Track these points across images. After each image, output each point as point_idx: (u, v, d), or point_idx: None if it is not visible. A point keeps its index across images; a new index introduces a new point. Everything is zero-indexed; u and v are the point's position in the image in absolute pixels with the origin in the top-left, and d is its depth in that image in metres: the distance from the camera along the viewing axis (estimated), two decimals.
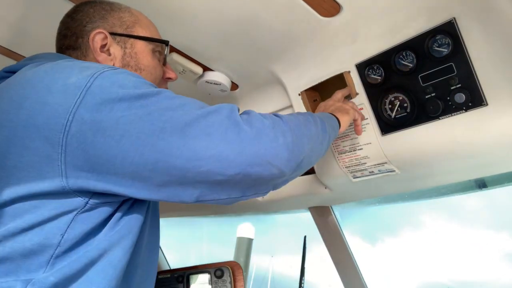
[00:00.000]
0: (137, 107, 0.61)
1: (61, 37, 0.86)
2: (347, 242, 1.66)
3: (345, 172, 1.22)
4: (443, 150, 1.00)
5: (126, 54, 0.84)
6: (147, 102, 0.62)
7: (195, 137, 0.63)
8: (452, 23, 0.90)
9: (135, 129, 0.60)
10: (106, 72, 0.64)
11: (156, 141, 0.60)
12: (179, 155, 0.61)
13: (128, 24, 0.86)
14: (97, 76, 0.63)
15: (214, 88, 1.34)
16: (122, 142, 0.59)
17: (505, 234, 13.31)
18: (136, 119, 0.60)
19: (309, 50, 1.16)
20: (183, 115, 0.64)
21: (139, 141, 0.60)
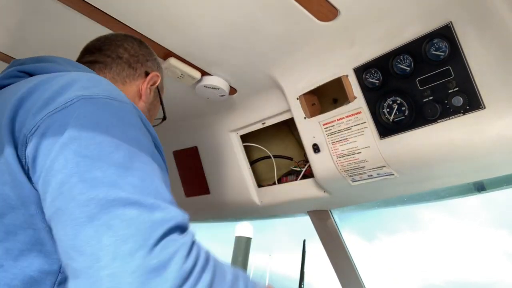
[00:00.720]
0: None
1: (120, 46, 0.93)
2: (346, 246, 1.66)
3: (344, 175, 1.22)
4: (441, 153, 1.00)
5: (153, 103, 0.98)
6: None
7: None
8: (449, 27, 0.90)
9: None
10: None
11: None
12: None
13: (161, 86, 1.02)
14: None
15: (213, 92, 1.34)
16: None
17: (504, 233, 13.24)
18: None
19: (307, 55, 1.16)
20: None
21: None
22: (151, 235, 0.49)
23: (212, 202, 1.79)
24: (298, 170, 1.47)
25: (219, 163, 1.66)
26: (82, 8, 0.99)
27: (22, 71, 0.76)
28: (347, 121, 1.15)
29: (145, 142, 0.61)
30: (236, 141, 1.58)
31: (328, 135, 1.21)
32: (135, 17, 1.02)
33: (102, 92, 0.62)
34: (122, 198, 0.50)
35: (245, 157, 1.60)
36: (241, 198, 1.64)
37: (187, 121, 1.66)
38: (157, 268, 0.46)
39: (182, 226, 0.53)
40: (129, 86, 0.92)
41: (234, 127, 1.55)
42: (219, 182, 1.70)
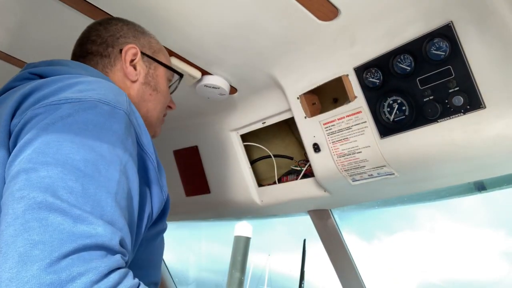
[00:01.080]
0: None
1: (87, 41, 0.88)
2: (346, 245, 1.66)
3: (344, 175, 1.22)
4: (441, 153, 1.00)
5: (149, 74, 0.90)
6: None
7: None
8: (449, 27, 0.90)
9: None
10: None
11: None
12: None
13: (154, 49, 0.93)
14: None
15: (213, 92, 1.34)
16: None
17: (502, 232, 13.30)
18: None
19: (307, 54, 1.16)
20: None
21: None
22: (61, 247, 0.46)
23: (212, 202, 1.79)
24: (299, 170, 1.47)
25: (220, 163, 1.66)
26: (82, 7, 0.99)
27: (33, 73, 0.76)
28: (348, 121, 1.15)
29: (118, 152, 0.59)
30: (236, 140, 1.58)
31: (328, 135, 1.21)
32: (135, 17, 1.02)
33: (95, 96, 0.62)
34: (50, 203, 0.48)
35: (245, 157, 1.60)
36: (242, 198, 1.64)
37: (187, 120, 1.66)
38: (52, 285, 0.43)
39: (106, 246, 0.49)
40: (113, 75, 0.86)
41: (235, 126, 1.55)
42: (220, 182, 1.71)
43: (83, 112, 0.59)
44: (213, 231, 9.16)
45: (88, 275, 0.45)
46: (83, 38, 0.89)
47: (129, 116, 0.65)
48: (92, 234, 0.48)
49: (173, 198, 1.73)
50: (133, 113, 0.68)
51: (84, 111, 0.59)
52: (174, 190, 1.87)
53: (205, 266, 8.63)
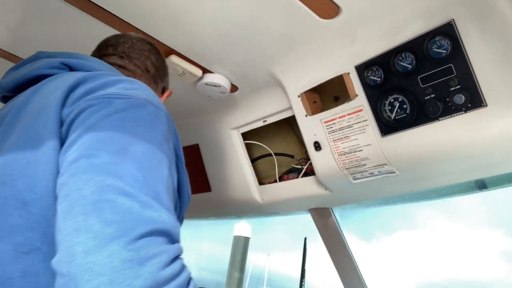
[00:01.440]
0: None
1: (149, 62, 0.93)
2: (347, 243, 1.66)
3: (345, 173, 1.22)
4: (442, 151, 1.00)
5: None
6: None
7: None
8: (451, 25, 0.90)
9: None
10: None
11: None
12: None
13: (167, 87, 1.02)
14: None
15: (214, 90, 1.34)
16: None
17: (502, 232, 13.19)
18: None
19: (308, 52, 1.16)
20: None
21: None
22: (135, 229, 0.48)
23: (213, 200, 1.79)
24: (299, 168, 1.47)
25: (220, 161, 1.66)
26: (83, 5, 0.99)
27: (65, 64, 0.78)
28: (349, 119, 1.15)
29: (165, 149, 0.62)
30: (237, 138, 1.58)
31: (329, 133, 1.21)
32: (136, 15, 1.02)
33: (141, 95, 0.65)
34: (119, 187, 0.51)
35: (246, 155, 1.60)
36: (242, 196, 1.64)
37: (188, 118, 1.66)
38: (132, 261, 0.46)
39: (170, 234, 0.52)
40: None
41: (235, 124, 1.55)
42: (220, 180, 1.71)
43: (134, 109, 0.62)
44: (213, 230, 9.17)
45: (161, 256, 0.48)
46: (144, 50, 0.97)
47: (167, 117, 0.68)
48: (159, 221, 0.51)
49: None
50: (169, 115, 0.72)
51: (135, 108, 0.62)
52: None
53: (206, 266, 8.65)
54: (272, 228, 17.34)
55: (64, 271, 0.46)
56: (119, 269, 0.45)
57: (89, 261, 0.45)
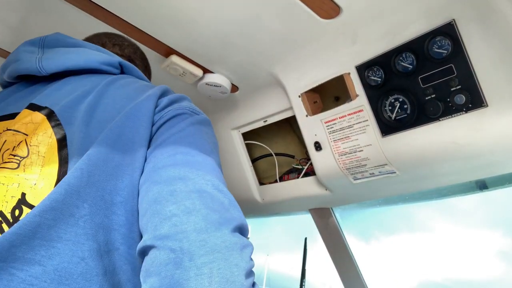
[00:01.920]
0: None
1: (137, 61, 1.00)
2: (347, 244, 1.66)
3: (346, 173, 1.22)
4: (443, 152, 1.00)
5: None
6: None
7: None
8: (451, 25, 0.90)
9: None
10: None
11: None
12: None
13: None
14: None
15: (215, 90, 1.34)
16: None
17: (502, 232, 13.24)
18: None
19: (309, 52, 1.16)
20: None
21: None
22: (231, 221, 0.54)
23: None
24: (300, 168, 1.47)
25: (221, 161, 1.66)
26: (83, 5, 0.99)
27: (120, 65, 0.83)
28: (349, 119, 1.15)
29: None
30: (237, 139, 1.58)
31: (329, 133, 1.21)
32: (136, 15, 1.02)
33: (202, 113, 0.76)
34: (215, 183, 0.59)
35: (246, 155, 1.60)
36: (243, 196, 1.64)
37: None
38: (238, 244, 0.52)
39: (246, 230, 0.58)
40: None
41: (236, 125, 1.55)
42: None
43: (205, 124, 0.73)
44: None
45: (250, 247, 0.55)
46: (142, 54, 1.05)
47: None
48: (242, 218, 0.57)
49: None
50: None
51: (205, 123, 0.74)
52: None
53: None
54: (271, 227, 17.32)
55: (176, 246, 0.49)
56: (230, 249, 0.50)
57: (203, 239, 0.50)
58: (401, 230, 50.93)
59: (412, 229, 44.39)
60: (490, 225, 45.28)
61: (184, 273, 0.47)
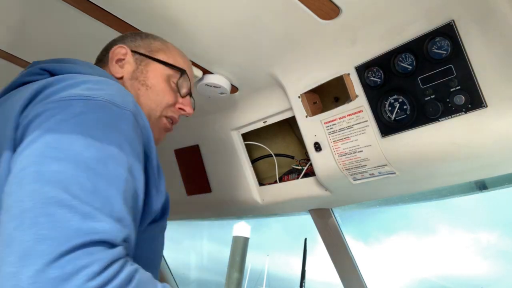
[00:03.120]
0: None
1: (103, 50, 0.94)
2: (347, 244, 1.66)
3: (346, 174, 1.22)
4: (443, 152, 1.00)
5: (138, 70, 0.89)
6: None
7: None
8: (451, 25, 0.90)
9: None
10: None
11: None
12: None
13: (153, 48, 0.92)
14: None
15: (214, 91, 1.34)
16: None
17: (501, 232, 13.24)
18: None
19: (308, 53, 1.16)
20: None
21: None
22: (67, 242, 0.47)
23: (213, 201, 1.79)
24: (300, 169, 1.47)
25: (221, 162, 1.66)
26: (83, 6, 0.99)
27: (44, 69, 0.77)
28: (349, 120, 1.15)
29: (126, 150, 0.60)
30: (237, 139, 1.58)
31: (329, 134, 1.21)
32: (136, 15, 1.02)
33: (104, 96, 0.63)
34: (62, 199, 0.49)
35: (246, 156, 1.60)
36: (243, 197, 1.64)
37: (188, 119, 1.66)
38: (57, 279, 0.44)
39: (109, 241, 0.51)
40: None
41: (236, 125, 1.55)
42: (221, 181, 1.71)
43: (94, 111, 0.60)
44: (214, 231, 9.17)
45: (91, 267, 0.47)
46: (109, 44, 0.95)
47: (135, 117, 0.66)
48: (99, 231, 0.50)
49: (174, 197, 1.73)
50: (139, 113, 0.69)
51: (94, 110, 0.60)
52: (175, 189, 1.87)
53: (206, 266, 8.64)
54: (271, 227, 17.41)
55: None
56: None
57: (14, 285, 0.44)
58: (402, 230, 50.76)
59: (413, 229, 44.32)
60: (492, 224, 44.79)
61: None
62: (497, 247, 6.28)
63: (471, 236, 6.20)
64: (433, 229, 5.22)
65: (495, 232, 7.33)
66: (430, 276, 3.77)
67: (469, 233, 6.33)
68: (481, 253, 6.65)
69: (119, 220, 0.53)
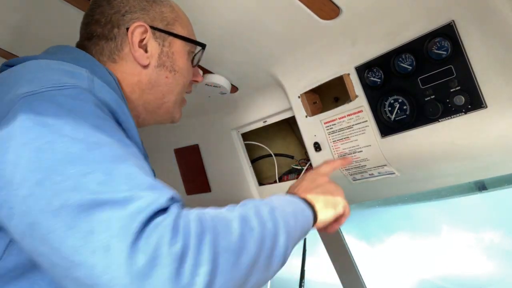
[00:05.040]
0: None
1: (93, 21, 0.78)
2: (347, 244, 1.66)
3: (345, 174, 1.22)
4: (442, 153, 1.00)
5: (163, 53, 0.79)
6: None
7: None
8: (451, 26, 0.90)
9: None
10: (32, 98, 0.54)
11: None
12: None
13: (169, 20, 0.81)
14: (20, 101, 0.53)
15: (214, 90, 1.34)
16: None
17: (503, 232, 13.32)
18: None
19: (308, 53, 1.16)
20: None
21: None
22: (130, 231, 0.44)
23: (213, 200, 1.79)
24: (299, 169, 1.47)
25: (220, 161, 1.66)
26: (83, 5, 0.99)
27: (8, 65, 0.69)
28: (349, 120, 1.15)
29: (107, 127, 0.55)
30: (237, 139, 1.58)
31: (329, 134, 1.21)
32: None
33: (47, 83, 0.55)
34: (91, 200, 0.45)
35: (246, 156, 1.60)
36: (242, 196, 1.64)
37: (188, 119, 1.66)
38: (146, 265, 0.43)
39: (163, 207, 0.48)
40: (121, 61, 0.77)
41: (235, 125, 1.55)
42: (220, 180, 1.71)
43: (46, 104, 0.53)
44: None
45: (164, 237, 0.45)
46: (88, 16, 0.80)
47: (95, 94, 0.59)
48: (145, 206, 0.46)
49: None
50: (101, 89, 0.61)
51: (45, 104, 0.53)
52: (175, 189, 1.87)
53: None
54: None
55: None
56: (142, 282, 0.44)
57: (114, 285, 0.44)
58: (402, 230, 50.68)
59: (413, 229, 44.35)
60: (493, 224, 44.80)
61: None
62: (501, 246, 6.27)
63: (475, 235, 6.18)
64: (437, 229, 5.22)
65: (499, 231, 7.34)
66: (435, 276, 3.77)
67: (473, 233, 6.33)
68: (485, 252, 6.62)
69: (151, 187, 0.50)
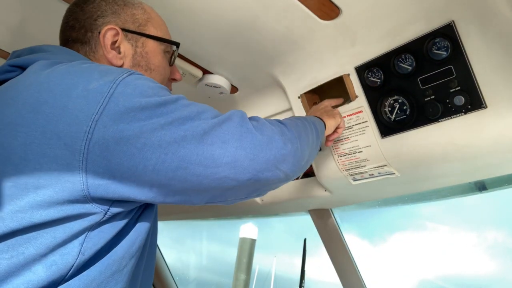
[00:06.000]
0: (158, 115, 0.62)
1: (68, 27, 0.82)
2: (347, 245, 1.66)
3: (345, 174, 1.22)
4: (442, 153, 1.00)
5: (137, 53, 0.82)
6: (167, 110, 0.63)
7: (212, 144, 0.65)
8: (451, 26, 0.90)
9: (157, 137, 0.60)
10: (127, 78, 0.63)
11: (177, 149, 0.62)
12: (198, 162, 0.63)
13: (140, 21, 0.84)
14: (119, 83, 0.62)
15: (214, 91, 1.34)
16: (144, 150, 0.60)
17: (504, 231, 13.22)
18: (158, 127, 0.61)
19: (308, 53, 1.16)
20: (202, 123, 0.66)
21: (161, 149, 0.61)
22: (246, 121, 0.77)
23: None
24: None
25: None
26: None
27: (14, 65, 0.72)
28: (349, 120, 1.15)
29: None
30: None
31: None
32: None
33: (117, 70, 0.66)
34: (214, 123, 0.68)
35: None
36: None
37: None
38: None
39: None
40: (97, 63, 0.77)
41: None
42: None
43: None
44: (214, 231, 9.18)
45: (245, 118, 0.81)
46: (63, 23, 0.83)
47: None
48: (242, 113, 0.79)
49: None
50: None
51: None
52: None
53: (206, 266, 8.64)
54: (277, 228, 17.42)
55: None
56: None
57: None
58: (402, 230, 50.26)
59: (413, 229, 43.92)
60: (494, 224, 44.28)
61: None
62: (504, 245, 6.25)
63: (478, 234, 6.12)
64: (439, 228, 5.18)
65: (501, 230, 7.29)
66: (435, 276, 3.74)
67: (476, 232, 6.27)
68: (488, 252, 6.58)
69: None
